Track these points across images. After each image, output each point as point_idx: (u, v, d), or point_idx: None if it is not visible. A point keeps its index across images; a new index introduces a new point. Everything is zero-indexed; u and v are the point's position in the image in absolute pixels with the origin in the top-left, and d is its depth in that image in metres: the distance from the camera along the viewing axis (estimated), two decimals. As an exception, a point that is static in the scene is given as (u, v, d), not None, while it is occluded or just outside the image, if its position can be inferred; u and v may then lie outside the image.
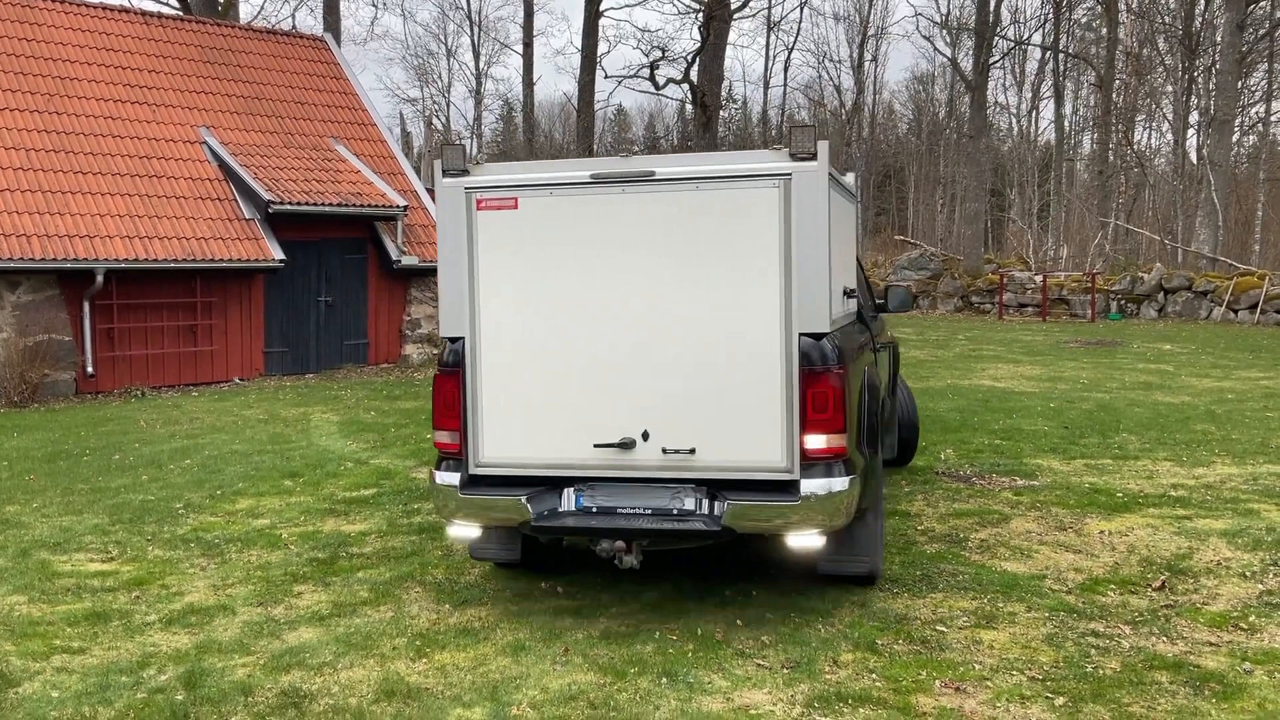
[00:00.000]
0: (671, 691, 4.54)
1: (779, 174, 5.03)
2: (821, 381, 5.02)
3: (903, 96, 66.60)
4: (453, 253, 5.36)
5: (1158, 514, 7.42)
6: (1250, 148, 43.69)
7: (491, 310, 5.34)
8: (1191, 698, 4.45)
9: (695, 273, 5.12)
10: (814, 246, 5.01)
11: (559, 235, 5.25)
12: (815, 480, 5.02)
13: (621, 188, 5.20)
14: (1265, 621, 5.33)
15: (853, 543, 5.56)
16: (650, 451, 5.18)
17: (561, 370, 5.27)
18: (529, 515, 5.17)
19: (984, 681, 4.63)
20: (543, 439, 5.30)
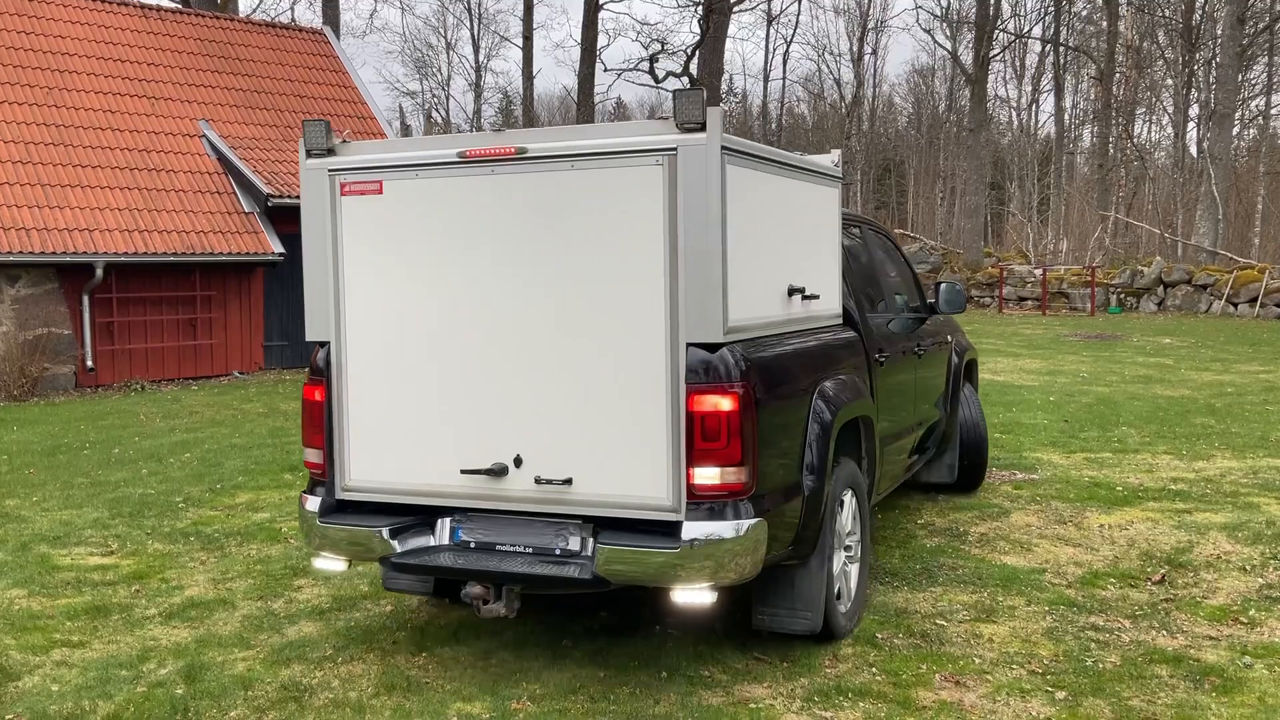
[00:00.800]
0: (671, 685, 4.54)
1: (662, 149, 4.13)
2: (712, 403, 4.13)
3: (903, 90, 66.57)
4: (316, 244, 4.70)
5: (1157, 508, 7.42)
6: (1250, 141, 43.68)
7: (357, 311, 4.65)
8: (1191, 691, 4.45)
9: (572, 269, 4.31)
10: (705, 237, 4.10)
11: (426, 224, 4.51)
12: (700, 523, 4.13)
13: (491, 168, 4.39)
14: (1265, 615, 5.33)
15: (793, 594, 4.73)
16: (523, 480, 4.39)
17: (429, 382, 4.54)
18: (391, 549, 4.49)
19: (984, 675, 4.63)
20: (411, 462, 4.58)
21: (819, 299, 5.14)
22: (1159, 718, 4.20)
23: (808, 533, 4.66)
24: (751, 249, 4.44)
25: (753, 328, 4.45)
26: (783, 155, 4.89)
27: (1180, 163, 39.47)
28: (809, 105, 63.29)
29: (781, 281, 4.77)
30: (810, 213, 5.18)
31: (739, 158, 4.30)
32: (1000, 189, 53.52)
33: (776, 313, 4.71)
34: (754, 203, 4.48)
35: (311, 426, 4.78)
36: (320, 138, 4.64)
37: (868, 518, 5.45)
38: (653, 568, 4.13)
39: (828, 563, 4.82)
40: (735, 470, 4.17)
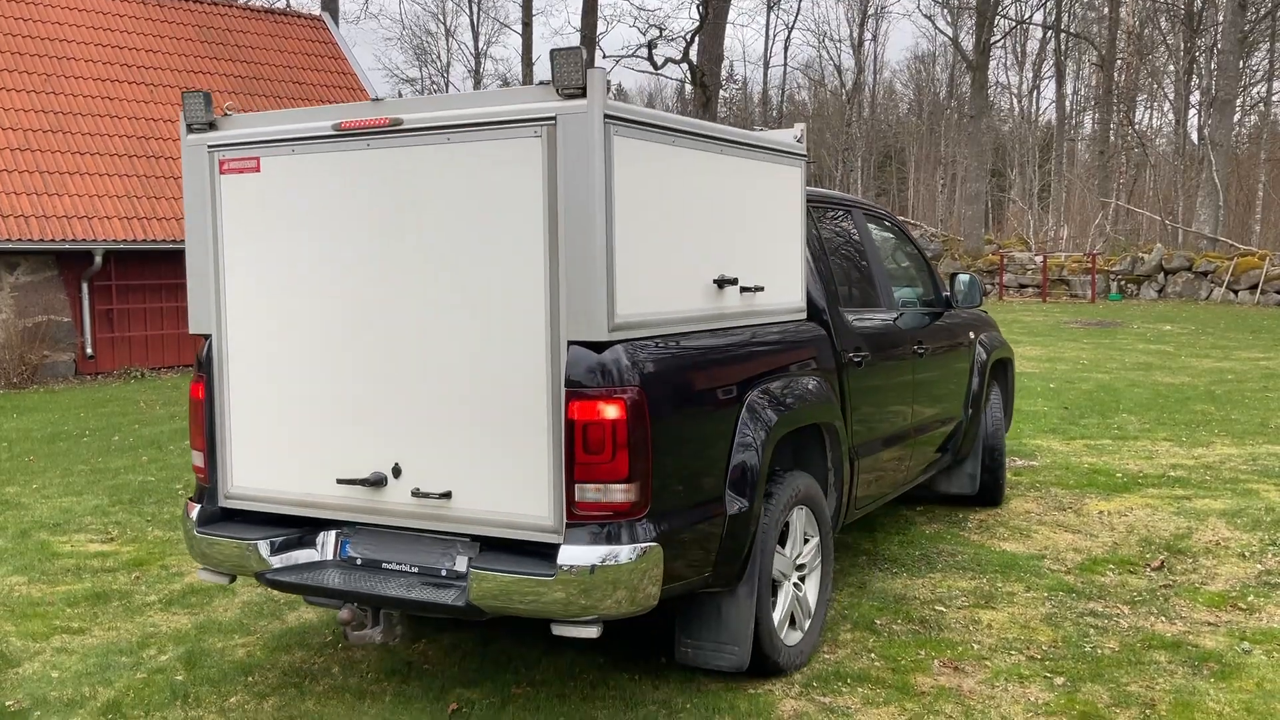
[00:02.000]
0: (671, 671, 4.54)
1: (541, 118, 3.60)
2: (594, 410, 3.61)
3: (903, 76, 66.42)
4: (196, 228, 4.29)
5: (1157, 494, 7.43)
6: (1251, 128, 43.59)
7: (237, 302, 4.26)
8: (1190, 677, 4.46)
9: (449, 256, 3.83)
10: (586, 219, 3.57)
11: (301, 205, 4.08)
12: (580, 547, 3.61)
13: (367, 141, 3.92)
14: (1264, 601, 5.34)
15: (718, 625, 4.22)
16: (400, 492, 3.95)
17: (309, 382, 4.13)
18: (266, 564, 4.10)
19: (982, 661, 4.64)
20: (289, 468, 4.19)
21: (765, 291, 4.52)
22: (1157, 703, 4.21)
23: (732, 559, 4.12)
24: (652, 233, 3.88)
25: (653, 324, 3.87)
26: (706, 128, 4.22)
27: (1181, 149, 39.40)
28: (810, 92, 63.17)
29: (704, 271, 4.19)
30: (757, 195, 4.58)
31: (633, 127, 3.72)
32: (1001, 176, 53.46)
33: (696, 307, 4.14)
34: (658, 180, 3.91)
35: (195, 428, 4.40)
36: (199, 111, 4.22)
37: (830, 538, 4.85)
38: (526, 597, 3.63)
39: (759, 591, 4.25)
40: (623, 487, 3.64)
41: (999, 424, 7.22)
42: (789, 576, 4.56)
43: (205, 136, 4.25)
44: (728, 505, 4.09)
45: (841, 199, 6.18)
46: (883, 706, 4.21)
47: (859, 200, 6.44)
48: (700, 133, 4.17)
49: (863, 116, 56.76)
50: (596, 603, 3.60)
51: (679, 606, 4.24)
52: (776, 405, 4.40)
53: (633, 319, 3.75)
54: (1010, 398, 7.61)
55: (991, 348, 7.22)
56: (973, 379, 6.93)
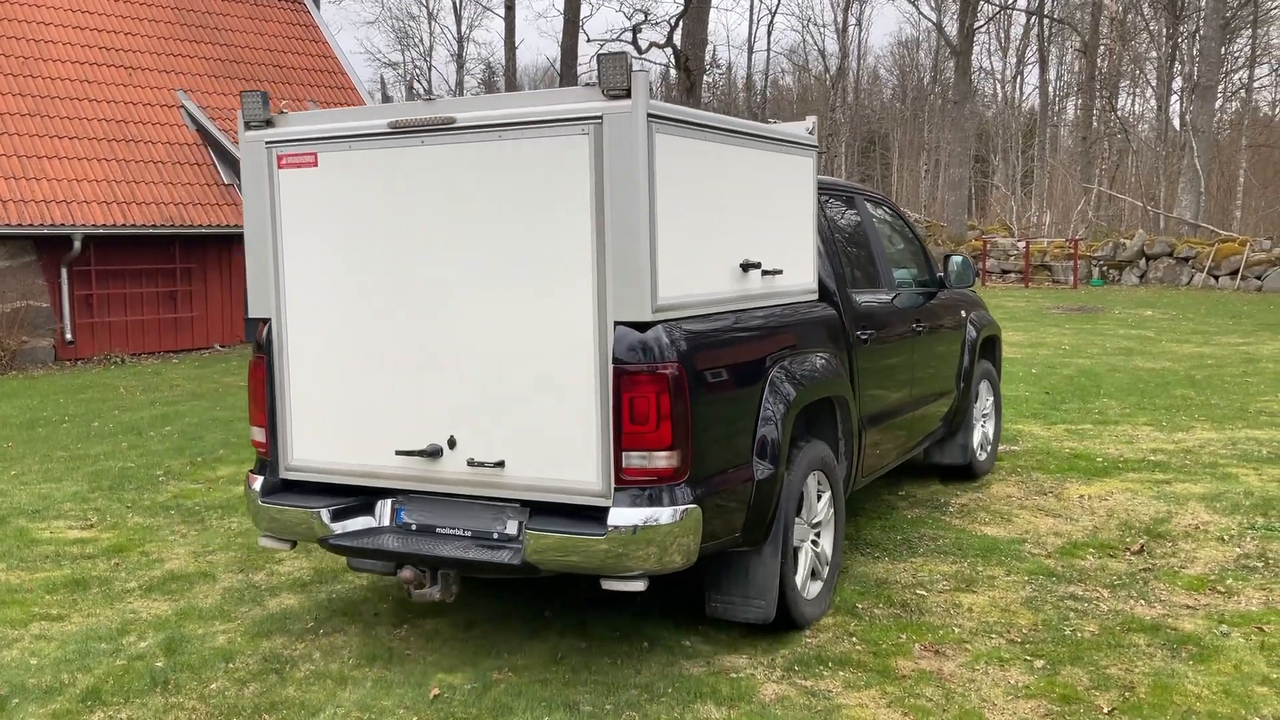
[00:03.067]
0: (653, 655, 4.55)
1: (588, 117, 3.92)
2: (640, 384, 3.95)
3: (887, 62, 66.40)
4: (256, 219, 4.57)
5: (1137, 478, 7.47)
6: (1233, 114, 43.74)
7: (296, 288, 4.53)
8: (1169, 660, 4.49)
9: (502, 244, 4.12)
10: (631, 210, 3.90)
11: (359, 197, 4.35)
12: (629, 509, 3.96)
13: (421, 139, 4.20)
14: (1242, 585, 5.38)
15: (745, 581, 4.56)
16: (456, 463, 4.25)
17: (366, 361, 4.41)
18: (328, 530, 4.40)
19: (963, 644, 4.66)
20: (349, 442, 4.47)
21: (783, 274, 4.87)
22: (1136, 686, 4.23)
23: (759, 520, 4.48)
24: (689, 222, 4.21)
25: (691, 305, 4.21)
26: (731, 123, 4.58)
27: (1163, 136, 39.53)
28: (794, 77, 63.12)
29: (731, 256, 4.52)
30: (774, 183, 4.90)
31: (671, 125, 4.07)
32: (984, 161, 53.54)
33: (725, 289, 4.47)
34: (692, 173, 4.24)
35: (255, 405, 4.69)
36: (258, 109, 4.49)
37: (841, 502, 5.23)
38: (579, 555, 3.98)
39: (783, 550, 4.59)
40: (666, 454, 3.98)
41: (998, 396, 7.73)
42: (806, 537, 4.91)
43: (263, 133, 4.50)
44: (755, 471, 4.43)
45: (845, 186, 6.49)
46: (864, 690, 4.22)
47: (860, 187, 6.82)
48: (726, 127, 4.51)
49: (846, 102, 56.71)
50: (642, 560, 3.96)
51: (707, 565, 4.52)
52: (795, 380, 4.74)
53: (672, 301, 4.08)
54: (999, 369, 8.04)
55: (981, 326, 7.57)
56: (964, 356, 7.30)
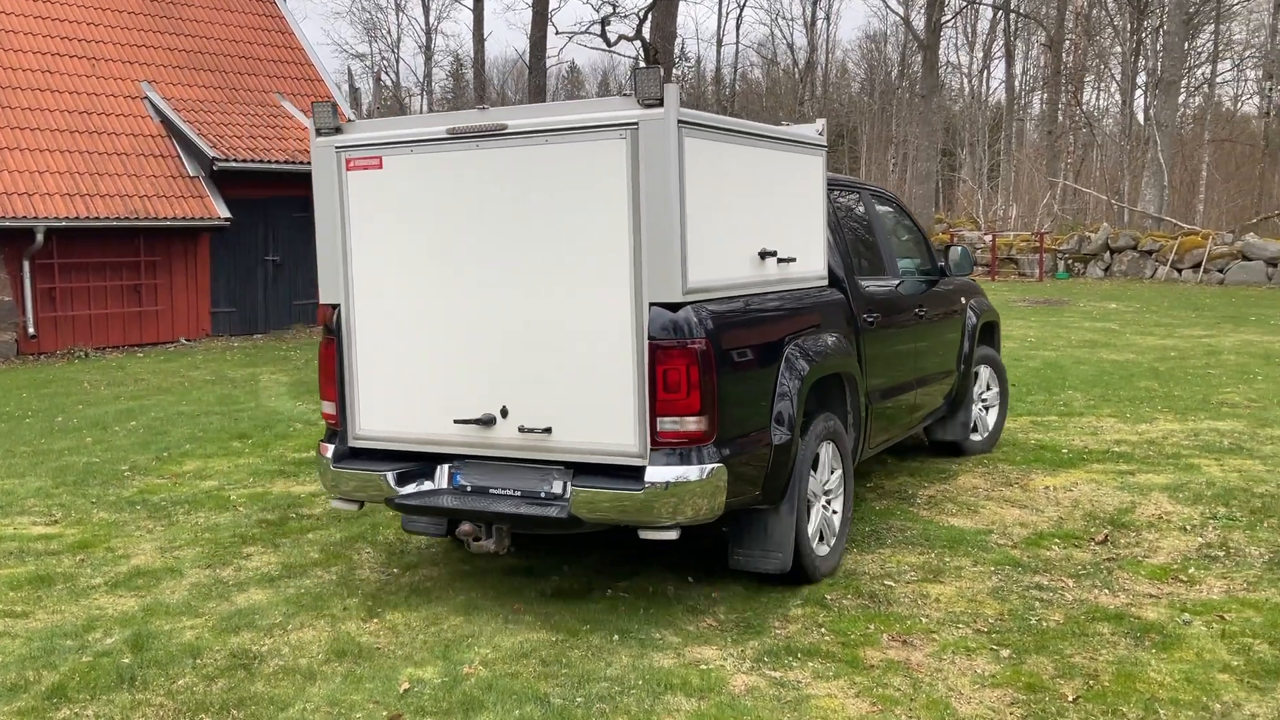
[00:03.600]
0: (623, 648, 4.56)
1: (626, 123, 4.43)
2: (672, 357, 4.47)
3: (856, 55, 66.61)
4: (327, 216, 5.09)
5: (1101, 469, 7.56)
6: (1196, 109, 44.24)
7: (362, 275, 5.06)
8: (1132, 648, 4.55)
9: (549, 236, 4.65)
10: (665, 205, 4.41)
11: (420, 196, 4.88)
12: (663, 467, 4.48)
13: (476, 143, 4.74)
14: (1204, 574, 5.46)
15: (765, 536, 5.08)
16: (508, 430, 4.77)
17: (426, 340, 4.94)
18: (392, 491, 4.93)
19: (930, 634, 4.70)
20: (411, 413, 5.00)
21: (796, 262, 5.38)
22: (1100, 674, 4.29)
23: (777, 481, 4.98)
24: (713, 215, 4.71)
25: (716, 289, 4.73)
26: (749, 126, 5.11)
27: (1127, 130, 39.91)
28: (763, 71, 63.21)
29: (751, 245, 5.04)
30: (787, 180, 5.41)
31: (698, 130, 4.57)
32: (951, 155, 53.86)
33: (745, 275, 4.99)
34: (716, 172, 4.74)
35: (326, 381, 5.22)
36: (328, 117, 5.04)
37: (850, 469, 5.72)
38: (620, 508, 4.51)
39: (798, 509, 5.11)
40: (695, 419, 4.50)
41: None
42: (819, 499, 5.44)
43: (333, 139, 5.03)
44: (773, 437, 4.95)
45: (852, 182, 7.08)
46: (833, 680, 4.25)
47: (867, 183, 7.42)
48: (745, 130, 5.06)
49: (815, 95, 56.88)
50: (675, 512, 4.50)
51: (730, 523, 5.09)
52: (808, 357, 5.27)
53: (700, 285, 4.61)
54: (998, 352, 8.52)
55: (981, 312, 8.05)
56: (964, 339, 7.77)
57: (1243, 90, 51.24)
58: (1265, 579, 5.36)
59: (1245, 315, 18.16)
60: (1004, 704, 4.05)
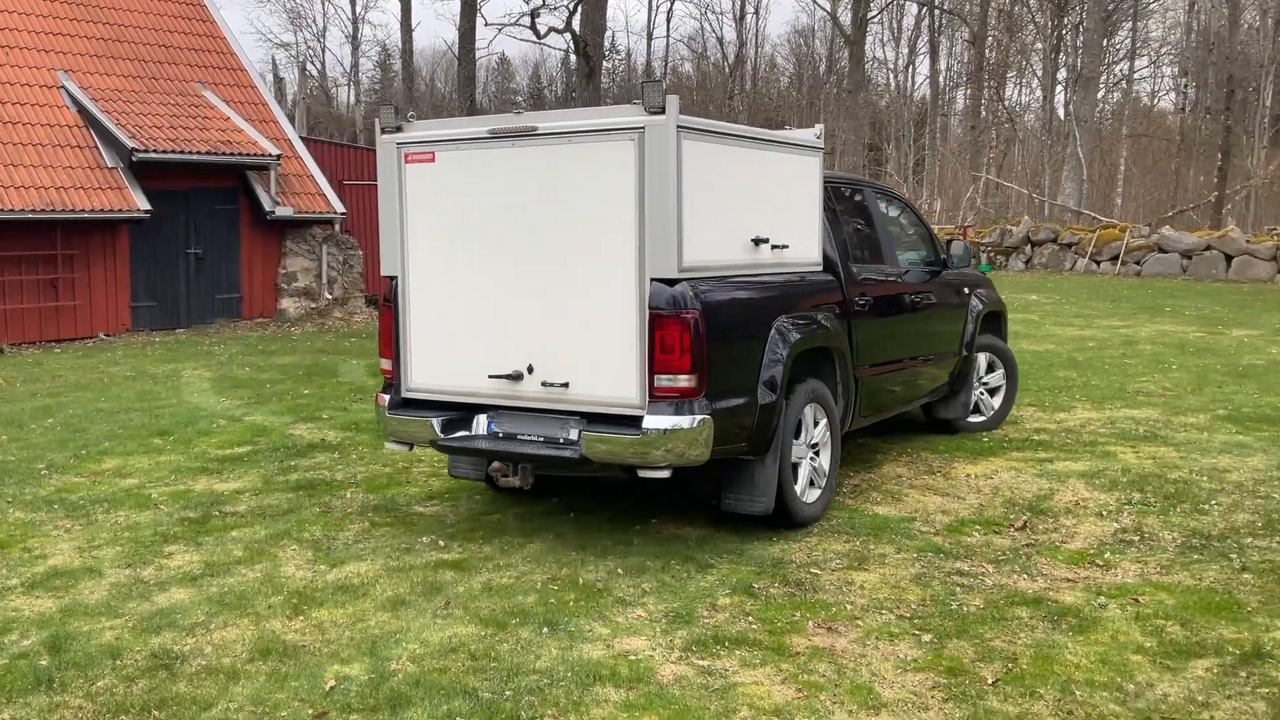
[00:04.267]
0: (553, 640, 4.57)
1: (634, 127, 5.24)
2: (668, 324, 5.25)
3: (784, 50, 67.10)
4: (389, 201, 5.95)
5: (1021, 457, 7.73)
6: (1114, 104, 45.31)
7: (416, 252, 5.90)
8: (1050, 631, 4.67)
9: (570, 220, 5.45)
10: (664, 196, 5.20)
11: (466, 185, 5.72)
12: (658, 417, 5.26)
13: (512, 142, 5.56)
14: (1119, 558, 5.62)
15: (752, 483, 5.83)
16: (533, 384, 5.60)
17: (467, 308, 5.76)
18: (437, 435, 5.78)
19: (855, 621, 4.78)
20: (453, 369, 5.84)
21: (790, 249, 6.12)
22: (1019, 657, 4.39)
23: (762, 435, 5.73)
24: (708, 205, 5.48)
25: (710, 268, 5.52)
26: (746, 130, 5.93)
27: (1048, 125, 40.75)
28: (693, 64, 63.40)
29: (745, 233, 5.80)
30: (785, 177, 6.16)
31: (695, 133, 5.38)
32: (878, 150, 54.51)
33: (738, 258, 5.77)
34: (711, 169, 5.50)
35: (384, 342, 6.09)
36: (391, 118, 5.90)
37: (838, 430, 6.43)
38: (622, 450, 5.31)
39: (782, 461, 5.85)
40: (687, 377, 5.29)
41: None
42: (806, 454, 6.12)
43: (394, 137, 5.91)
44: (760, 397, 5.70)
45: (856, 180, 7.86)
46: (759, 668, 4.31)
47: (872, 181, 8.23)
48: (739, 134, 5.85)
49: (744, 90, 57.18)
50: (668, 455, 5.26)
51: (724, 472, 5.84)
52: (796, 330, 6.00)
53: (694, 264, 5.38)
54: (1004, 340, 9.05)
55: (985, 302, 8.61)
56: (967, 326, 8.36)
57: (1159, 86, 52.60)
58: (1178, 563, 5.53)
59: (1161, 306, 18.67)
60: (926, 688, 4.14)
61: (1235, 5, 36.88)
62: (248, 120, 17.98)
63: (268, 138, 17.75)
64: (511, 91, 73.08)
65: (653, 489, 6.40)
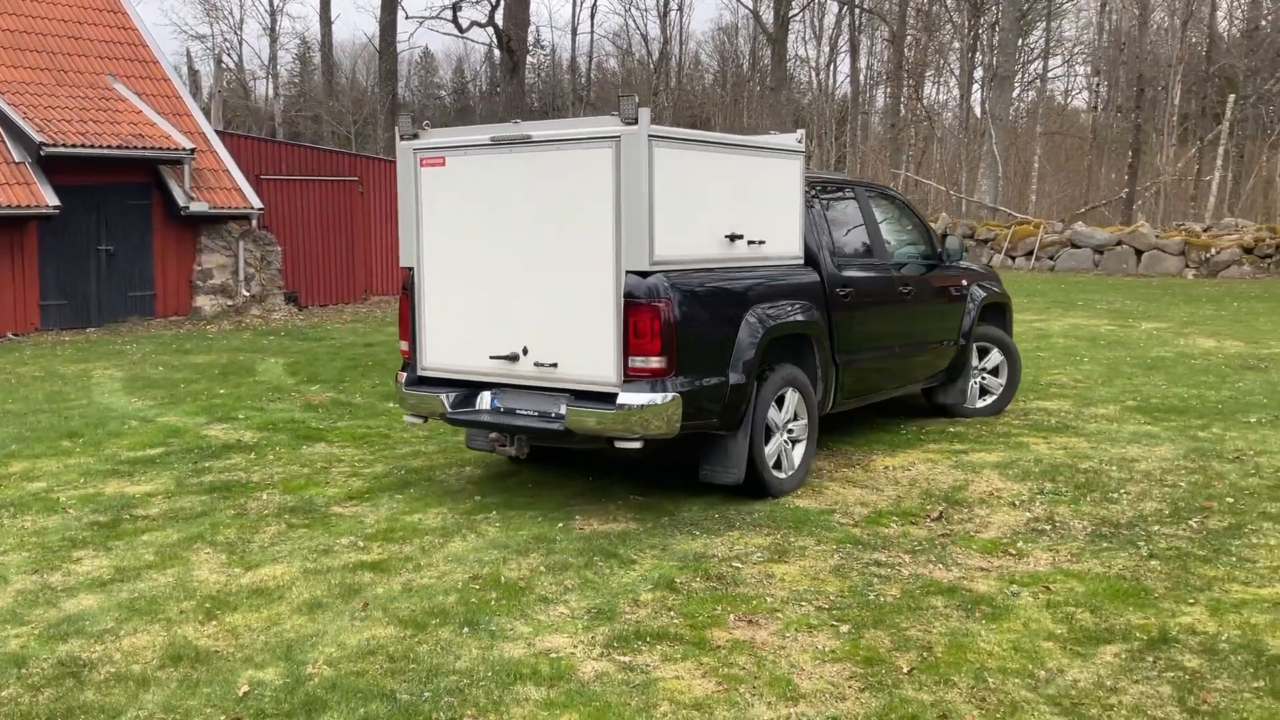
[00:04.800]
0: (473, 640, 4.53)
1: (612, 136, 5.85)
2: (640, 312, 5.84)
3: (709, 47, 67.37)
4: (406, 200, 6.65)
5: (937, 449, 7.87)
6: (1029, 103, 46.29)
7: (429, 245, 6.59)
8: (964, 620, 4.75)
9: (558, 218, 6.08)
10: (638, 197, 5.80)
11: (471, 186, 6.40)
12: (632, 394, 5.86)
13: (509, 148, 6.23)
14: (1031, 547, 5.74)
15: (725, 456, 6.42)
16: (527, 365, 6.24)
17: (473, 295, 6.43)
18: (447, 409, 6.45)
19: (775, 613, 4.82)
20: (461, 351, 6.52)
21: (766, 244, 6.68)
22: (934, 645, 4.47)
23: (734, 412, 6.29)
24: (680, 205, 6.05)
25: (682, 261, 6.09)
26: (719, 136, 6.69)
27: (965, 123, 41.49)
28: (619, 61, 63.40)
29: (718, 229, 6.36)
30: (765, 180, 6.73)
31: (666, 141, 5.98)
32: (801, 146, 55.02)
33: (712, 252, 6.34)
34: (683, 172, 6.08)
35: (403, 325, 6.83)
36: (408, 127, 6.60)
37: (814, 412, 6.96)
38: (600, 423, 5.90)
39: (754, 436, 6.39)
40: (657, 359, 5.87)
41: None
42: (781, 431, 6.69)
43: (411, 143, 6.61)
44: (731, 378, 6.24)
45: (848, 181, 8.43)
46: (680, 662, 4.32)
47: (866, 181, 8.87)
48: (717, 140, 6.60)
49: (669, 86, 57.35)
50: (640, 428, 5.88)
51: (702, 446, 6.46)
52: (769, 317, 6.51)
53: (666, 258, 5.98)
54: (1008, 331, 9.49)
55: (986, 294, 9.03)
56: (965, 317, 8.79)
57: (1073, 86, 53.84)
58: (1088, 550, 5.67)
59: (1073, 300, 19.13)
60: (843, 678, 4.19)
61: (1145, 6, 37.92)
62: (161, 114, 17.55)
63: (182, 131, 17.35)
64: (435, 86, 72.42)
65: (641, 464, 6.37)
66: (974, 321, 8.85)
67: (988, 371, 9.17)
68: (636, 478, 7.13)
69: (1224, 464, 7.38)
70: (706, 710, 3.93)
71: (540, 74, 63.05)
